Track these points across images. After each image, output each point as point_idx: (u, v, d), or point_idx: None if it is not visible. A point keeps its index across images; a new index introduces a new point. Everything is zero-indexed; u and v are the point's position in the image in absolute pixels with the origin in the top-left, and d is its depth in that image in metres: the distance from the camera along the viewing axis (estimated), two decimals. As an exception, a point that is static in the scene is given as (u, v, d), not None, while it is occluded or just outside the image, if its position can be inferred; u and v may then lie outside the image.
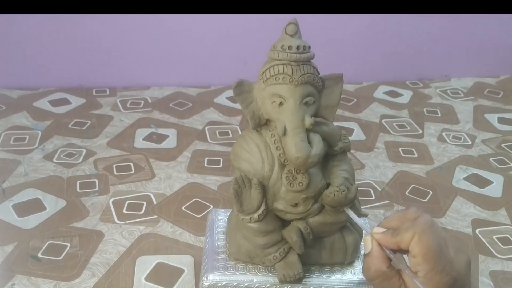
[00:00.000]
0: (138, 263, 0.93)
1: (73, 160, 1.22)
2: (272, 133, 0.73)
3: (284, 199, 0.73)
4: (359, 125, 1.44)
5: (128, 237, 0.99)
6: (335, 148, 0.77)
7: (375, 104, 1.58)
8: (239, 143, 0.76)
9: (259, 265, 0.78)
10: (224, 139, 1.34)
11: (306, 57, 0.71)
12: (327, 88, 0.75)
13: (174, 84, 1.62)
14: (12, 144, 1.27)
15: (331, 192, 0.70)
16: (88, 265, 0.92)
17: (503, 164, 1.29)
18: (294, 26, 0.72)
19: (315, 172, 0.74)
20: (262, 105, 0.73)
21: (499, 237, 1.04)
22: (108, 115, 1.43)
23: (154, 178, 1.17)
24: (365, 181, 1.19)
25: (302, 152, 0.69)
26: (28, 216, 1.04)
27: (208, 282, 0.76)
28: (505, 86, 1.74)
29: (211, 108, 1.50)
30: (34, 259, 0.93)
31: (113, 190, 1.12)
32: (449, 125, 1.47)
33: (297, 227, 0.74)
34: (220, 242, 0.83)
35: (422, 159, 1.29)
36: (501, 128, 1.47)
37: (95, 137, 1.32)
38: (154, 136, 1.34)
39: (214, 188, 1.15)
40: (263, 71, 0.73)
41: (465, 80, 1.77)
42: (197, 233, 1.01)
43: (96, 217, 1.04)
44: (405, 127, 1.44)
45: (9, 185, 1.12)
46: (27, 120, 1.38)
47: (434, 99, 1.63)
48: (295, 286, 0.76)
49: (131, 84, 1.60)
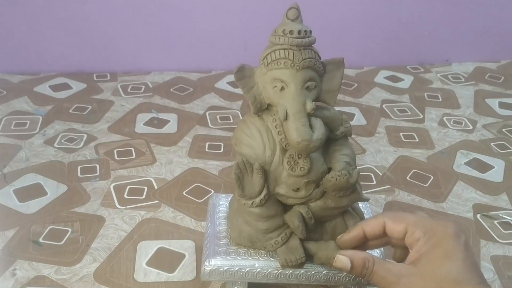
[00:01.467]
0: (139, 248, 0.94)
1: (74, 145, 1.22)
2: (274, 117, 0.73)
3: (285, 184, 0.73)
4: (360, 110, 1.44)
5: (129, 222, 0.99)
6: (336, 133, 0.76)
7: (376, 89, 1.58)
8: (240, 128, 0.76)
9: (261, 250, 0.78)
10: (225, 124, 1.34)
11: (308, 42, 0.71)
12: (328, 73, 0.75)
13: (174, 69, 1.62)
14: (13, 129, 1.27)
15: (333, 177, 0.70)
16: (89, 250, 0.93)
17: (504, 149, 1.29)
18: (295, 11, 0.71)
19: (316, 157, 0.74)
20: (264, 90, 0.73)
21: (500, 222, 1.04)
22: (109, 100, 1.43)
23: (155, 163, 1.17)
24: (366, 166, 1.19)
25: (303, 136, 0.69)
26: (29, 201, 1.04)
27: (209, 267, 0.76)
28: (506, 71, 1.74)
29: (212, 93, 1.50)
30: (35, 244, 0.93)
31: (114, 175, 1.12)
32: (450, 110, 1.47)
33: (298, 211, 0.74)
34: (222, 227, 0.83)
35: (423, 144, 1.29)
36: (502, 113, 1.47)
37: (96, 122, 1.32)
38: (155, 121, 1.34)
39: (215, 173, 1.15)
40: (264, 56, 0.72)
41: (466, 65, 1.76)
42: (198, 218, 1.01)
43: (97, 202, 1.04)
44: (406, 112, 1.44)
45: (10, 170, 1.12)
46: (28, 105, 1.38)
47: (435, 84, 1.63)
48: (297, 270, 0.77)
49: (132, 69, 1.60)
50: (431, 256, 0.61)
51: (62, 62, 1.56)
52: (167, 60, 1.61)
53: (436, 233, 0.62)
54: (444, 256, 0.60)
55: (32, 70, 1.55)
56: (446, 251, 0.60)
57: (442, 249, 0.61)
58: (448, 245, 0.61)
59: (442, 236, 0.61)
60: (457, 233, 0.61)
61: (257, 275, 0.77)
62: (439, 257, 0.61)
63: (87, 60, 1.58)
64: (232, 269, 0.77)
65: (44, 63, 1.56)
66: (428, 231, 0.62)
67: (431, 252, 0.61)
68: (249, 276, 0.77)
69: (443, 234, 0.61)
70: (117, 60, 1.59)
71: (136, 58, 1.60)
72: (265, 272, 0.77)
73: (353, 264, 0.66)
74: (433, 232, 0.62)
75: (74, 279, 0.86)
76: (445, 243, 0.61)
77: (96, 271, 0.88)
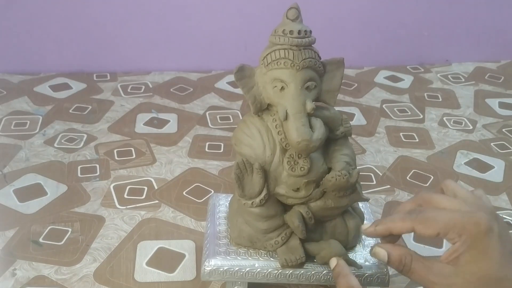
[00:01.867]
0: (139, 248, 0.94)
1: (74, 145, 1.22)
2: (274, 117, 0.73)
3: (285, 184, 0.73)
4: (360, 110, 1.44)
5: (129, 222, 0.99)
6: (336, 133, 0.77)
7: (376, 89, 1.58)
8: (240, 128, 0.76)
9: (261, 250, 0.78)
10: (225, 124, 1.34)
11: (308, 42, 0.71)
12: (328, 73, 0.75)
13: (174, 69, 1.62)
14: (13, 129, 1.27)
15: (333, 177, 0.70)
16: (89, 250, 0.93)
17: (504, 149, 1.29)
18: (295, 11, 0.72)
19: (316, 157, 0.74)
20: (264, 90, 0.73)
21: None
22: (109, 100, 1.43)
23: (155, 163, 1.17)
24: (366, 166, 1.19)
25: (303, 136, 0.69)
26: (29, 201, 1.04)
27: (209, 267, 0.76)
28: (506, 71, 1.74)
29: (212, 93, 1.50)
30: (35, 244, 0.93)
31: (114, 175, 1.12)
32: (450, 110, 1.47)
33: (298, 211, 0.74)
34: (222, 227, 0.83)
35: (423, 144, 1.29)
36: (502, 113, 1.47)
37: (96, 122, 1.32)
38: (155, 121, 1.34)
39: (215, 173, 1.15)
40: (264, 56, 0.72)
41: (466, 65, 1.76)
42: (198, 218, 1.01)
43: (97, 202, 1.04)
44: (406, 112, 1.44)
45: (10, 170, 1.12)
46: (28, 105, 1.38)
47: (435, 83, 1.63)
48: (297, 270, 0.77)
49: (132, 69, 1.60)
50: (468, 258, 0.60)
51: (62, 62, 1.56)
52: (167, 60, 1.61)
53: (470, 234, 0.60)
54: (482, 255, 0.60)
55: (32, 70, 1.55)
56: (482, 251, 0.60)
57: (478, 249, 0.60)
58: (483, 244, 0.60)
59: (476, 235, 0.60)
60: (489, 227, 0.60)
61: (257, 275, 0.77)
62: (477, 257, 0.60)
63: (87, 60, 1.58)
64: (232, 269, 0.77)
65: (44, 63, 1.56)
66: (461, 232, 0.61)
67: (468, 252, 0.60)
68: (249, 276, 0.77)
69: (476, 234, 0.60)
70: (117, 60, 1.59)
71: (136, 58, 1.60)
72: (265, 272, 0.77)
73: (389, 258, 0.66)
74: (467, 232, 0.61)
75: (74, 279, 0.86)
76: (480, 243, 0.60)
77: (96, 271, 0.88)
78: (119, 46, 1.58)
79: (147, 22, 1.55)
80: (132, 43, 1.58)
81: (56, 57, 1.56)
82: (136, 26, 1.55)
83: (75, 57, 1.57)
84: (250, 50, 1.52)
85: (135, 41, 1.58)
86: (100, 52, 1.58)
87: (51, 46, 1.54)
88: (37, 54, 1.55)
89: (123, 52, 1.59)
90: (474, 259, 0.60)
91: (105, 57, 1.58)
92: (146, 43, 1.58)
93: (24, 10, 1.47)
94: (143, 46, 1.59)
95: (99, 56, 1.58)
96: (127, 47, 1.58)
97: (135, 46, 1.58)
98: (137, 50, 1.59)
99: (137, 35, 1.57)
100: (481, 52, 1.79)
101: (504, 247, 0.60)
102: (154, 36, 1.58)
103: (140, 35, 1.57)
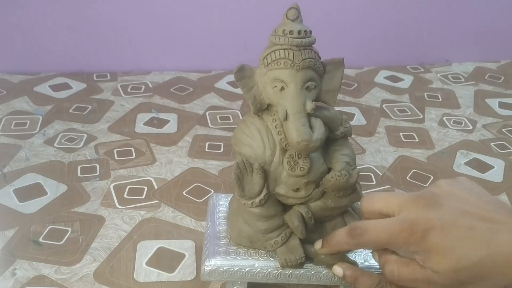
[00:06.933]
0: (139, 248, 0.94)
1: (74, 145, 1.22)
2: (274, 118, 0.73)
3: (285, 184, 0.73)
4: (360, 110, 1.44)
5: (129, 222, 1.00)
6: (336, 133, 0.76)
7: (376, 89, 1.58)
8: (240, 128, 0.76)
9: (261, 250, 0.78)
10: (225, 124, 1.34)
11: (308, 42, 0.71)
12: (328, 73, 0.75)
13: (174, 69, 1.62)
14: (13, 129, 1.27)
15: (333, 177, 0.70)
16: (89, 249, 0.93)
17: (504, 149, 1.29)
18: (295, 11, 0.71)
19: (316, 157, 0.74)
20: (264, 90, 0.73)
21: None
22: (109, 100, 1.43)
23: (155, 163, 1.17)
24: (366, 166, 1.19)
25: (303, 136, 0.69)
26: (29, 201, 1.04)
27: (209, 267, 0.76)
28: (506, 71, 1.74)
29: (212, 93, 1.50)
30: (35, 243, 0.93)
31: (114, 175, 1.12)
32: (450, 110, 1.47)
33: (298, 211, 0.74)
34: (221, 227, 0.83)
35: (423, 144, 1.29)
36: (502, 113, 1.47)
37: (96, 122, 1.32)
38: (155, 121, 1.34)
39: (215, 173, 1.15)
40: (264, 56, 0.72)
41: (465, 65, 1.77)
42: (198, 218, 1.01)
43: (97, 202, 1.04)
44: (406, 112, 1.44)
45: (10, 170, 1.12)
46: (28, 105, 1.38)
47: (435, 83, 1.63)
48: (297, 270, 0.77)
49: (132, 69, 1.60)
50: (427, 258, 0.62)
51: (62, 62, 1.56)
52: (167, 60, 1.61)
53: (408, 242, 0.62)
54: (434, 252, 0.61)
55: (32, 70, 1.55)
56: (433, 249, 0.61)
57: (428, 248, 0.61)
58: (429, 244, 0.61)
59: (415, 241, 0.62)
60: (424, 229, 0.61)
61: (257, 275, 0.77)
62: (435, 254, 0.61)
63: (87, 60, 1.58)
64: (232, 269, 0.77)
65: (44, 63, 1.56)
66: (401, 244, 0.63)
67: (424, 255, 0.62)
68: (249, 276, 0.77)
69: (414, 240, 0.62)
70: (117, 60, 1.59)
71: (136, 58, 1.60)
72: (265, 272, 0.77)
73: (344, 277, 0.72)
74: (406, 242, 0.62)
75: (74, 279, 0.86)
76: (425, 244, 0.61)
77: (96, 271, 0.88)
78: (119, 46, 1.58)
79: (147, 22, 1.55)
80: (132, 43, 1.58)
81: (56, 57, 1.56)
82: (136, 26, 1.55)
83: (75, 57, 1.57)
84: (250, 50, 1.52)
85: (135, 41, 1.58)
86: (100, 52, 1.58)
87: (51, 46, 1.54)
88: (37, 54, 1.55)
89: (123, 52, 1.59)
90: (433, 258, 0.61)
91: (105, 57, 1.58)
92: (146, 43, 1.58)
93: (24, 10, 1.47)
94: (143, 46, 1.59)
95: (99, 56, 1.58)
96: (127, 47, 1.58)
97: (135, 46, 1.58)
98: (137, 50, 1.59)
99: (137, 35, 1.57)
100: (481, 52, 1.79)
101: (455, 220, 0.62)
102: (154, 36, 1.58)
103: (140, 35, 1.57)
